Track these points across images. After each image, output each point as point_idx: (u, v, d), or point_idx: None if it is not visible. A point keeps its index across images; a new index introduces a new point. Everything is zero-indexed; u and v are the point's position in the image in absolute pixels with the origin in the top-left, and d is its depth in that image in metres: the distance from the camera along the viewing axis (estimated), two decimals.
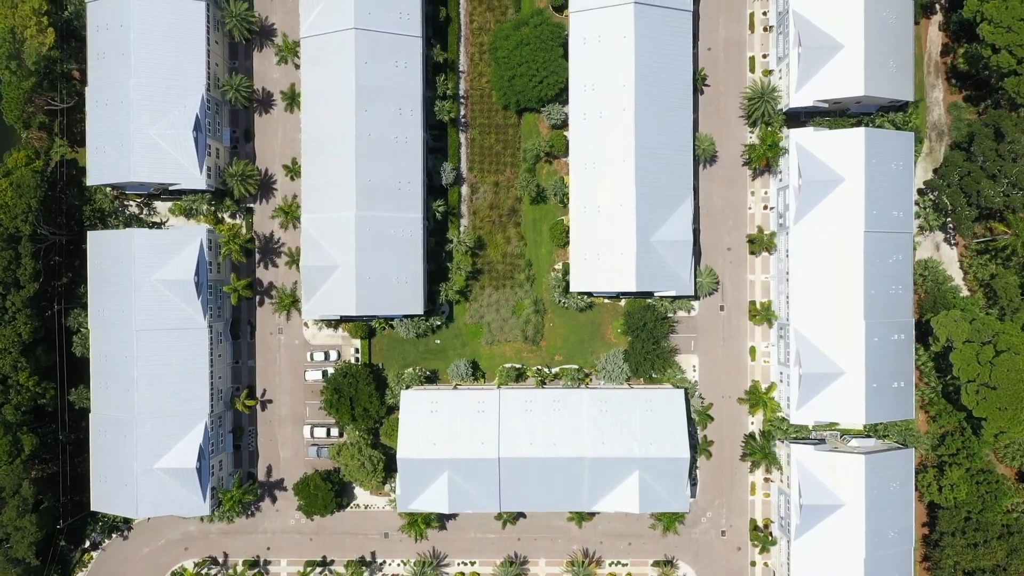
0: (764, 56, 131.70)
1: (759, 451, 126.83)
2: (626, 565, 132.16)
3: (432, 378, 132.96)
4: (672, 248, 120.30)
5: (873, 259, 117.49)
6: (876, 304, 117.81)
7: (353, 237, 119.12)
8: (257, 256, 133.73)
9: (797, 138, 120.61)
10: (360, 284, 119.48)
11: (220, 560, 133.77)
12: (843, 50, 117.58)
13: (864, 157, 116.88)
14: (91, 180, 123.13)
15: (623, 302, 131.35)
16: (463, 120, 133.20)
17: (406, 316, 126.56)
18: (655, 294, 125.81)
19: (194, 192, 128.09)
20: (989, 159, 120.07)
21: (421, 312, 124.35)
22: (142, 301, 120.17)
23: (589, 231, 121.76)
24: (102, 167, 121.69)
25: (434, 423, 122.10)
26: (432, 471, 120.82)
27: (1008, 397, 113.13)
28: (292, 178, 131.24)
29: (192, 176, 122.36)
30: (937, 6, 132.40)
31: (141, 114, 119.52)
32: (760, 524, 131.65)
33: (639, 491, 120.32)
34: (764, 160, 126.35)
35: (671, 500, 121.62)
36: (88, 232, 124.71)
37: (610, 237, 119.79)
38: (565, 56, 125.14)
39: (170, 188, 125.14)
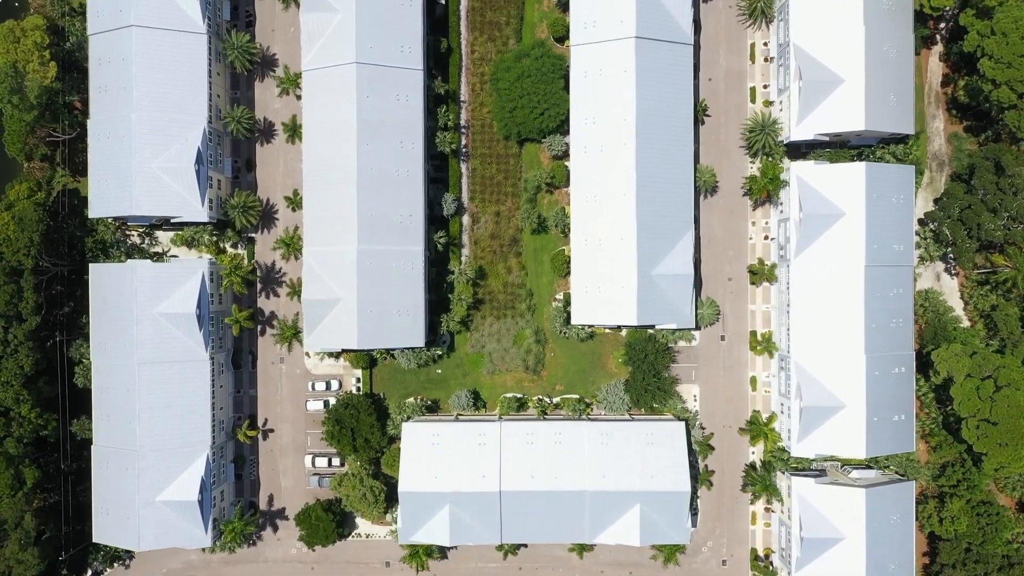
0: (765, 87, 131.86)
1: (760, 483, 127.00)
2: None
3: (433, 407, 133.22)
4: (673, 282, 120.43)
5: (874, 293, 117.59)
6: (877, 338, 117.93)
7: (355, 271, 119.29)
8: (259, 286, 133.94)
9: (798, 171, 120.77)
10: (361, 318, 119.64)
11: None
12: (844, 84, 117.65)
13: (865, 191, 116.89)
14: (93, 213, 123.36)
15: (624, 332, 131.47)
16: (464, 150, 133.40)
17: (407, 347, 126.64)
18: (656, 325, 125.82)
19: (196, 224, 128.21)
20: (989, 192, 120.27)
21: (422, 344, 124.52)
22: (144, 334, 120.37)
23: (590, 264, 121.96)
24: (104, 200, 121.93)
25: (435, 456, 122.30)
26: (433, 504, 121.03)
27: (1009, 433, 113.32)
28: (293, 209, 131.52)
29: (194, 209, 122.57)
30: (938, 37, 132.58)
31: (143, 148, 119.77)
32: (761, 554, 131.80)
33: (640, 524, 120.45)
34: (765, 192, 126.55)
35: (672, 533, 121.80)
36: (90, 265, 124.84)
37: (611, 271, 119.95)
38: (566, 88, 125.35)
39: (172, 220, 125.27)
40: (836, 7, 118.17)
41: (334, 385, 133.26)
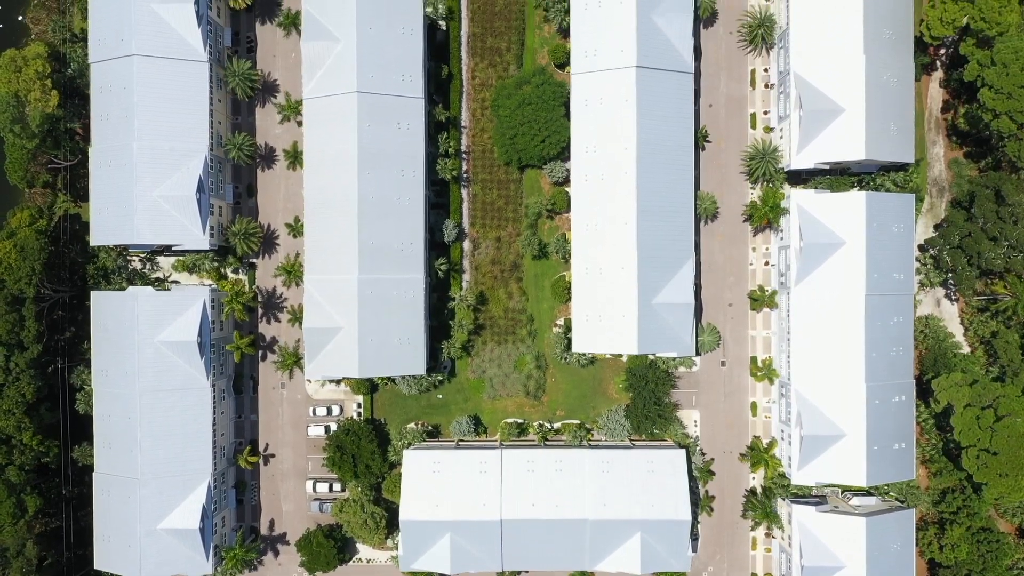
0: (765, 113, 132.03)
1: (760, 509, 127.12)
2: None
3: (434, 433, 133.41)
4: (674, 311, 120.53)
5: (874, 322, 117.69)
6: (877, 367, 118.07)
7: (356, 300, 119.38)
8: (260, 311, 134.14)
9: (798, 200, 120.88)
10: (362, 346, 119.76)
11: None
12: (844, 114, 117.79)
13: (865, 220, 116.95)
14: (94, 241, 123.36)
15: (625, 357, 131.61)
16: (465, 175, 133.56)
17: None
18: (657, 353, 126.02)
19: (198, 251, 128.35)
20: (990, 221, 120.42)
21: (423, 372, 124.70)
22: (145, 362, 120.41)
23: (590, 292, 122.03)
24: (105, 228, 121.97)
25: (436, 484, 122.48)
26: (434, 532, 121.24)
27: (1009, 463, 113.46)
28: (294, 236, 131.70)
29: (195, 237, 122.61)
30: (938, 63, 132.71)
31: (144, 176, 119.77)
32: None
33: (640, 552, 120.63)
34: (765, 220, 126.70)
35: (672, 560, 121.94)
36: (91, 292, 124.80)
37: (612, 299, 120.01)
38: (567, 115, 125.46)
39: (174, 247, 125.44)
40: (836, 36, 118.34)
41: (335, 410, 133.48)
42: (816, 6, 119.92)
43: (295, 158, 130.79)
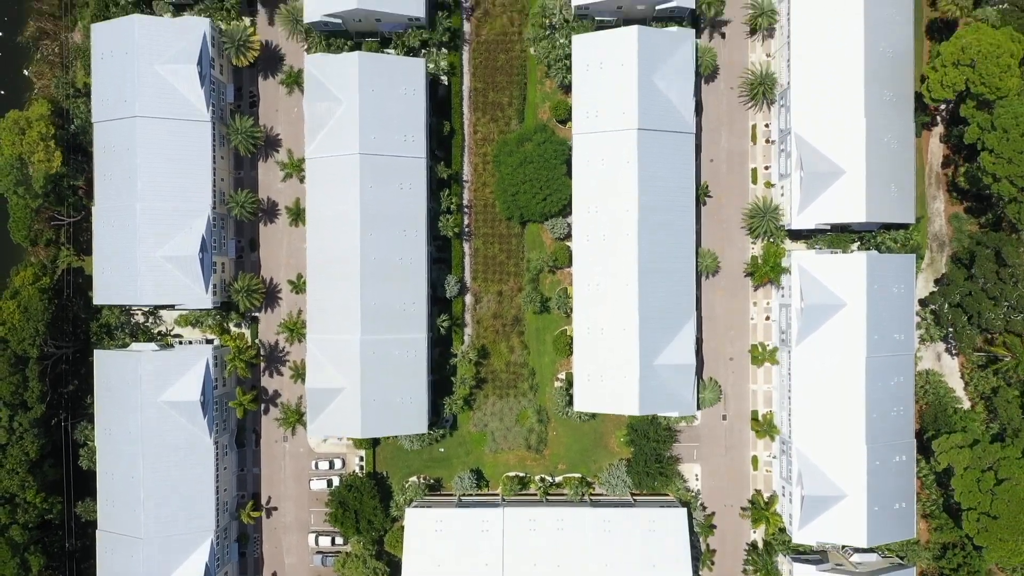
0: (766, 168, 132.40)
1: (761, 566, 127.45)
2: None
3: (436, 486, 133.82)
4: (675, 371, 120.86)
5: (875, 383, 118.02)
6: (877, 428, 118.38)
7: (358, 361, 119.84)
8: (262, 365, 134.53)
9: (799, 261, 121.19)
10: (365, 407, 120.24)
11: None
12: (844, 175, 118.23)
13: (866, 282, 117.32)
14: (98, 300, 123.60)
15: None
16: (467, 229, 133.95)
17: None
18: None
19: (201, 309, 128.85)
20: (990, 281, 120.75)
21: (425, 431, 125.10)
22: (148, 421, 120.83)
23: (591, 352, 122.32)
24: (108, 288, 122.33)
25: (439, 543, 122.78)
26: None
27: (1009, 528, 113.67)
28: (296, 292, 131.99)
29: (198, 296, 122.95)
30: (938, 118, 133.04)
31: (147, 237, 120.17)
32: None
33: None
34: (767, 278, 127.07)
35: None
36: (95, 351, 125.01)
37: (613, 360, 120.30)
38: (568, 172, 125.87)
39: (176, 306, 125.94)
40: (837, 97, 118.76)
41: (337, 464, 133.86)
42: (817, 66, 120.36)
43: (297, 215, 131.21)
